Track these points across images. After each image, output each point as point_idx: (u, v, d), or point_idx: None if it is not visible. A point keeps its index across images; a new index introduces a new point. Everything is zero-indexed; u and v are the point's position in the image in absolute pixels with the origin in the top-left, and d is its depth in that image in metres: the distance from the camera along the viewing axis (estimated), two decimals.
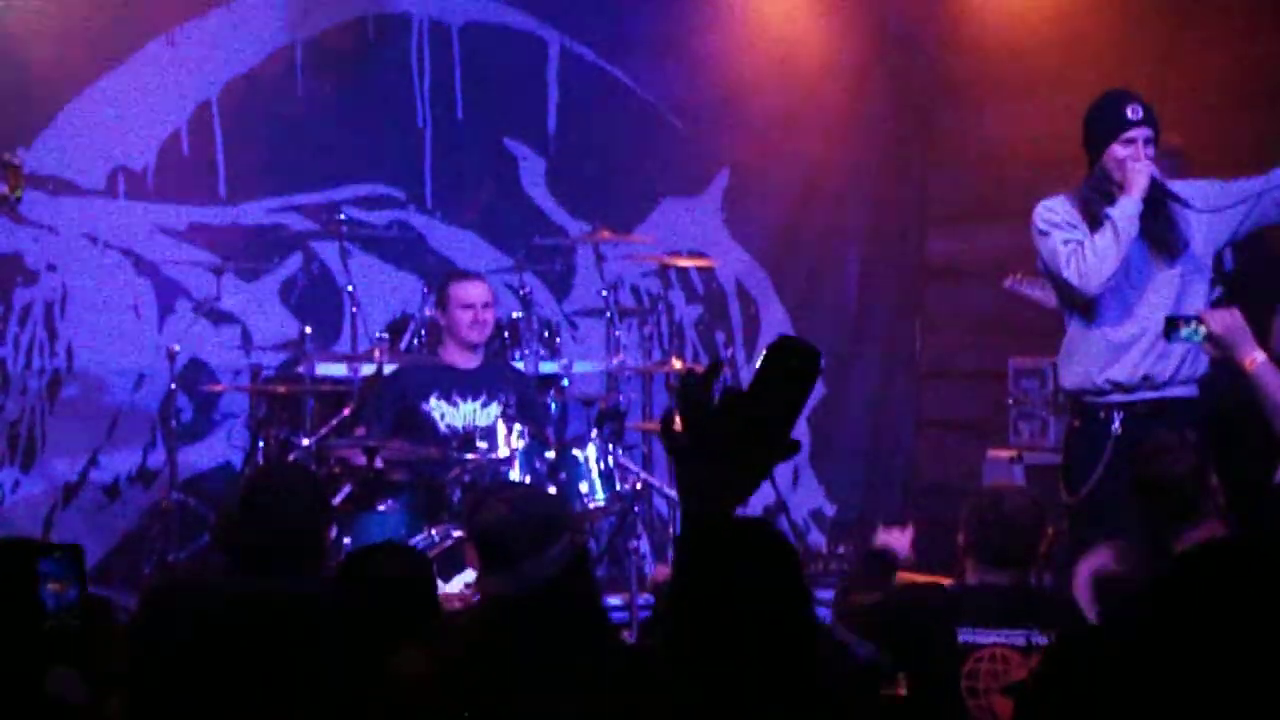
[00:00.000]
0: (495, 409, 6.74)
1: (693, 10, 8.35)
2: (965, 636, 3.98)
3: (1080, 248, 5.45)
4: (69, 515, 7.59)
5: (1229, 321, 4.77)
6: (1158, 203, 5.50)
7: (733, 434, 2.15)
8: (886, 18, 8.54)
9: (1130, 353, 5.43)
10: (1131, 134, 5.54)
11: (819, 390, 8.59)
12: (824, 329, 8.62)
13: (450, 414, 6.73)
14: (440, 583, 5.82)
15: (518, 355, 7.32)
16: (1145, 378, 5.39)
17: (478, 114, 8.21)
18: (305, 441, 6.56)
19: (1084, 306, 5.53)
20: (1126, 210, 5.44)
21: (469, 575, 5.50)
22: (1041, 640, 3.90)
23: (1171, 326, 4.85)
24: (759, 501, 8.11)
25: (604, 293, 7.55)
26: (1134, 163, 5.50)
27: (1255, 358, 4.66)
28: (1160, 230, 5.52)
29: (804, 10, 8.45)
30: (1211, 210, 5.50)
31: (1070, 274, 5.43)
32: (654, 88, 8.37)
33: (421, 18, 8.15)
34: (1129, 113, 5.55)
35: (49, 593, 2.58)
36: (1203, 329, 4.76)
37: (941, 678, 3.93)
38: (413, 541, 5.97)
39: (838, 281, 8.66)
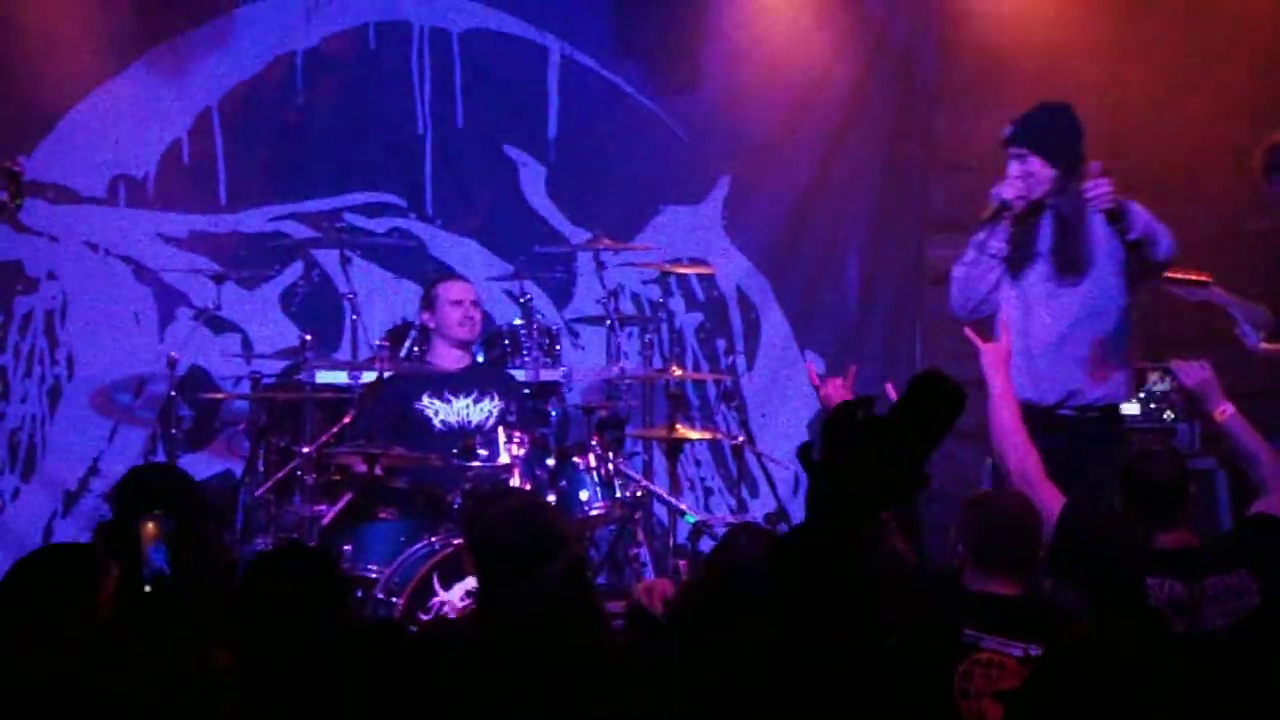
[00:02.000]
0: (487, 405, 6.77)
1: (693, 18, 8.35)
2: (968, 637, 3.99)
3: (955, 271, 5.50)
4: (69, 523, 7.59)
5: (1200, 375, 4.85)
6: (1068, 220, 5.45)
7: (868, 459, 2.20)
8: (885, 27, 8.53)
9: (1021, 371, 5.40)
10: (1009, 153, 5.53)
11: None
12: (824, 335, 8.62)
13: (444, 410, 6.76)
14: (440, 590, 5.85)
15: (518, 363, 7.32)
16: (1027, 402, 5.35)
17: (478, 121, 8.21)
18: (305, 449, 6.56)
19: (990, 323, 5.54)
20: (979, 236, 5.45)
21: (469, 583, 5.51)
22: (1038, 654, 3.91)
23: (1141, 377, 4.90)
24: (759, 510, 8.11)
25: (604, 300, 7.55)
26: (995, 187, 5.50)
27: (1225, 410, 4.75)
28: (1065, 248, 5.46)
29: (803, 19, 8.44)
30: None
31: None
32: (655, 95, 8.37)
33: (422, 25, 8.15)
34: (1004, 132, 5.53)
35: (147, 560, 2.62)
36: (1167, 381, 4.83)
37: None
38: (413, 549, 5.98)
39: (837, 288, 8.65)
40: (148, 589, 2.54)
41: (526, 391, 7.12)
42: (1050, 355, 5.50)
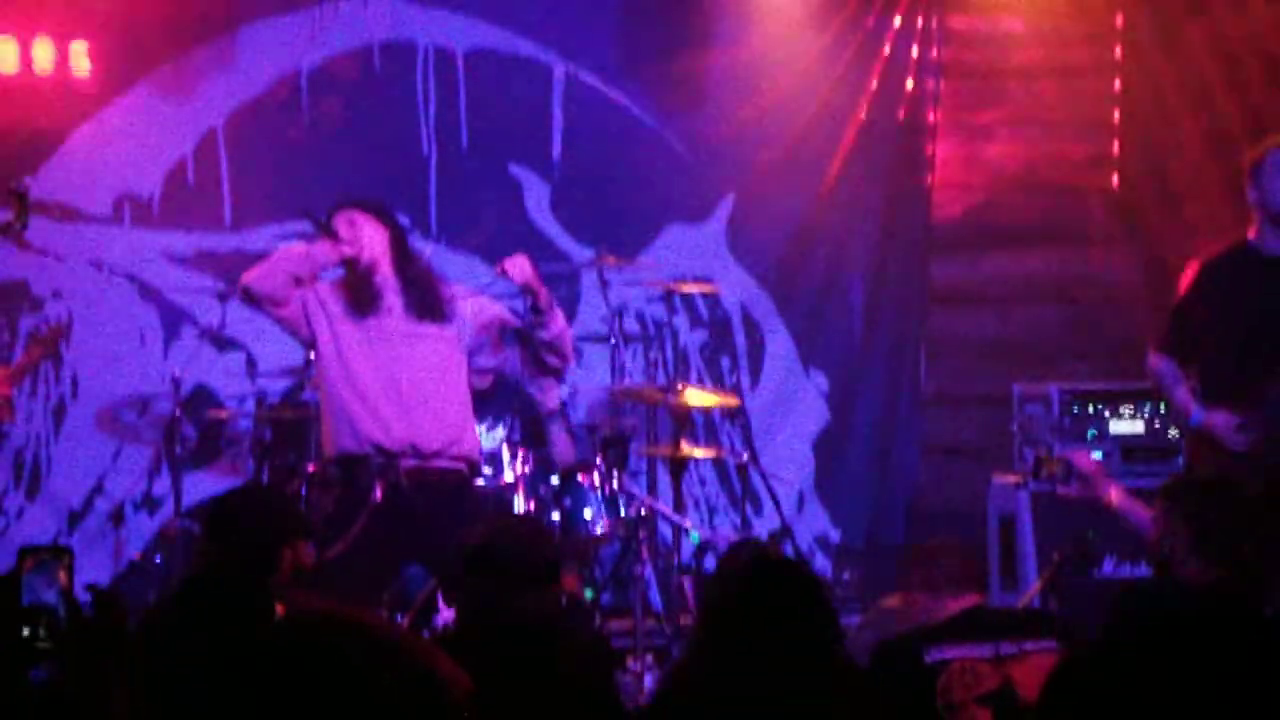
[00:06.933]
0: (500, 432, 6.77)
1: (698, 37, 8.36)
2: (932, 656, 4.05)
3: None
4: (74, 542, 7.58)
5: (1087, 463, 5.11)
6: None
7: None
8: (890, 49, 8.54)
9: None
10: None
11: (824, 417, 8.59)
12: (828, 354, 8.62)
13: None
14: (444, 608, 5.82)
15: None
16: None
17: (482, 140, 8.22)
18: (310, 467, 6.56)
19: None
20: None
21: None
22: (1011, 649, 3.98)
23: (1038, 465, 5.20)
24: (764, 528, 8.11)
25: (608, 319, 7.55)
26: None
27: (1112, 494, 4.98)
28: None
29: (808, 40, 8.46)
30: None
31: None
32: (659, 114, 8.38)
33: (426, 45, 8.17)
34: None
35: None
36: (1064, 467, 5.09)
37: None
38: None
39: (842, 307, 8.65)
40: (27, 632, 2.42)
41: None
42: None
